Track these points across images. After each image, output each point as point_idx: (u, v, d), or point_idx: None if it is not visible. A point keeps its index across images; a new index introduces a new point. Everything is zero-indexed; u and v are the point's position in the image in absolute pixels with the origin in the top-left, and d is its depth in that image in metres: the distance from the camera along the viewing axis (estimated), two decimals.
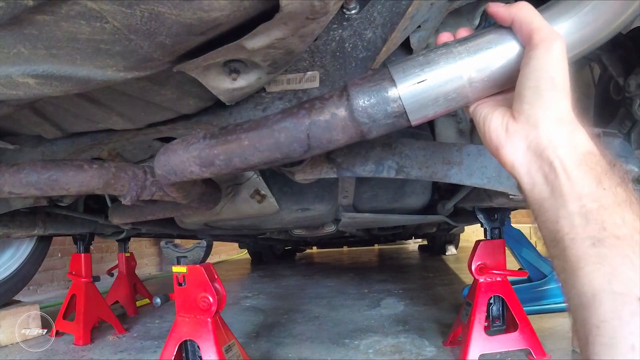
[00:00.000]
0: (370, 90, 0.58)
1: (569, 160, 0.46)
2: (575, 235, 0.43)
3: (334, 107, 0.61)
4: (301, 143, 0.64)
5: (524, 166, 0.50)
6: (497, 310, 1.63)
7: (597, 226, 0.42)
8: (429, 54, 0.57)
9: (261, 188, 1.39)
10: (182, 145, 0.76)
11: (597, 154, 0.47)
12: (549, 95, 0.49)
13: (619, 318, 0.39)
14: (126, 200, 0.99)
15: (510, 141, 0.51)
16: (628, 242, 0.40)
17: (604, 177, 0.45)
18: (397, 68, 0.58)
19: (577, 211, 0.44)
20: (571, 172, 0.46)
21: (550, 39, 0.50)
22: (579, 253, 0.43)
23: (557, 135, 0.48)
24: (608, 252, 0.41)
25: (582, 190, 0.44)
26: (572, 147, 0.47)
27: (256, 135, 0.67)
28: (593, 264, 0.41)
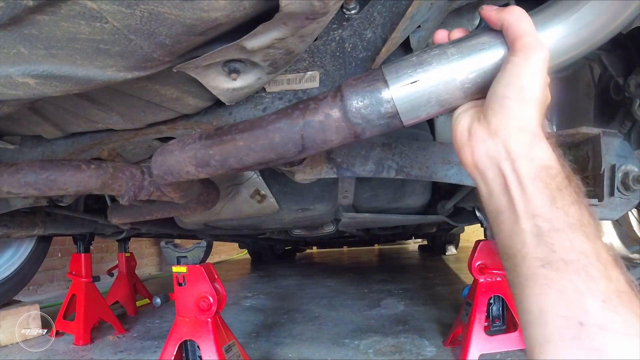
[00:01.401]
0: (363, 91, 0.59)
1: (525, 174, 0.46)
2: (526, 254, 0.45)
3: (327, 107, 0.61)
4: (295, 143, 0.64)
5: (481, 172, 0.51)
6: (497, 310, 1.63)
7: (547, 248, 0.43)
8: (423, 55, 0.57)
9: (261, 188, 1.39)
10: (178, 145, 0.76)
11: (555, 168, 0.47)
12: (513, 104, 0.48)
13: (562, 339, 0.40)
14: (124, 201, 0.99)
15: (471, 144, 0.52)
16: (574, 267, 0.42)
17: (558, 194, 0.45)
18: (390, 69, 0.58)
19: (529, 230, 0.45)
20: (526, 188, 0.46)
21: (531, 48, 0.49)
22: (529, 272, 0.44)
23: (515, 146, 0.48)
24: (555, 276, 0.42)
25: (535, 209, 0.45)
26: (529, 160, 0.47)
27: (251, 136, 0.67)
28: (541, 285, 0.43)
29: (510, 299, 1.57)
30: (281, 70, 0.77)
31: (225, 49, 0.63)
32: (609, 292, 0.40)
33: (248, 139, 0.67)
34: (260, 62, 0.70)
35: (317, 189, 1.47)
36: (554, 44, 0.56)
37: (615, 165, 0.89)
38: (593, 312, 0.40)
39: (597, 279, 0.41)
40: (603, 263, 0.42)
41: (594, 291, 0.40)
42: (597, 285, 0.41)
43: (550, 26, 0.55)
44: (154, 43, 0.58)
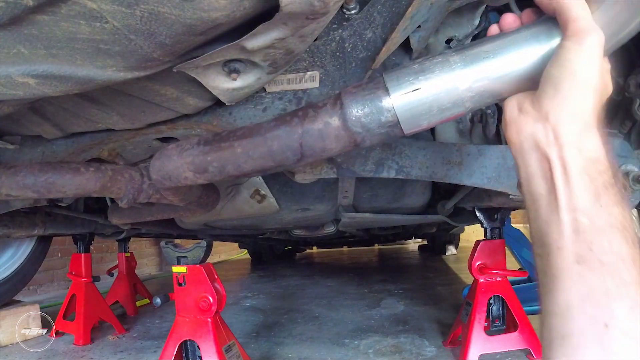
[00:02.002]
0: (363, 99, 0.57)
1: (572, 165, 0.45)
2: (562, 246, 0.44)
3: (327, 115, 0.61)
4: (294, 152, 0.64)
5: (524, 153, 0.49)
6: (497, 310, 1.63)
7: (584, 245, 0.43)
8: (425, 62, 0.56)
9: (261, 188, 1.39)
10: (177, 150, 0.76)
11: (604, 164, 0.45)
12: (568, 88, 0.47)
13: (584, 336, 0.41)
14: (123, 203, 0.99)
15: (519, 123, 0.50)
16: (609, 269, 0.41)
17: (603, 192, 0.44)
18: (392, 76, 0.57)
19: (568, 223, 0.44)
20: (571, 179, 0.45)
21: (584, 33, 0.47)
22: (563, 265, 0.44)
23: (565, 133, 0.46)
24: (589, 274, 0.42)
25: (578, 204, 0.44)
26: (577, 150, 0.45)
27: (249, 143, 0.67)
28: (572, 280, 0.43)
29: (510, 298, 1.57)
30: (281, 70, 0.77)
31: (225, 49, 0.63)
32: (638, 299, 0.40)
33: (246, 146, 0.67)
34: (260, 62, 0.70)
35: (317, 189, 1.47)
36: None
37: None
38: (620, 316, 0.40)
39: (629, 285, 0.41)
40: (637, 269, 0.42)
41: (623, 296, 0.40)
42: (628, 290, 0.41)
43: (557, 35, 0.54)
44: (154, 43, 0.58)
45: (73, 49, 0.58)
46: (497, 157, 0.99)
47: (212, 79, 0.74)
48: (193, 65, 0.67)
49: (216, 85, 0.76)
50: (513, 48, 0.54)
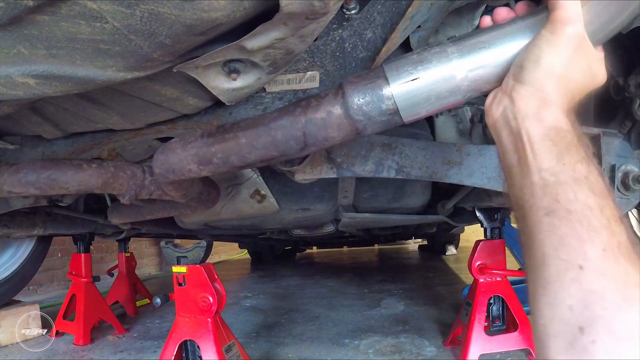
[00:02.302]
0: (365, 88, 0.59)
1: (534, 134, 0.49)
2: (533, 204, 0.48)
3: (329, 105, 0.61)
4: (297, 141, 0.64)
5: (497, 131, 0.54)
6: (497, 310, 1.63)
7: (551, 198, 0.46)
8: (423, 53, 0.58)
9: (261, 188, 1.39)
10: (180, 144, 0.76)
11: (564, 129, 0.49)
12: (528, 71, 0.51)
13: (561, 281, 0.43)
14: (125, 199, 0.99)
15: (491, 106, 0.55)
16: (577, 216, 0.44)
17: (566, 152, 0.48)
18: (391, 66, 0.58)
19: (537, 182, 0.48)
20: (534, 144, 0.49)
21: (562, 23, 0.50)
22: (535, 220, 0.47)
23: (526, 107, 0.50)
24: (558, 223, 0.45)
25: (542, 164, 0.48)
26: (539, 120, 0.49)
27: (253, 134, 0.67)
28: (545, 232, 0.46)
29: (510, 298, 1.57)
30: (281, 70, 0.77)
31: (225, 49, 0.63)
32: (610, 243, 0.42)
33: (250, 136, 0.68)
34: (260, 62, 0.70)
35: (317, 189, 1.47)
36: None
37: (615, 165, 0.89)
38: (593, 258, 0.42)
39: (599, 230, 0.43)
40: (607, 217, 0.44)
41: (594, 240, 0.42)
42: (598, 235, 0.43)
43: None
44: (154, 43, 0.58)
45: (73, 49, 0.58)
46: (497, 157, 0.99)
47: (212, 79, 0.74)
48: (193, 65, 0.67)
49: (216, 85, 0.76)
50: (508, 39, 0.56)
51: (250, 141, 0.68)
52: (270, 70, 0.73)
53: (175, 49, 0.61)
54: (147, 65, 0.64)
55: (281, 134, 0.65)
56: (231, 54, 0.67)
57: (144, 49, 0.58)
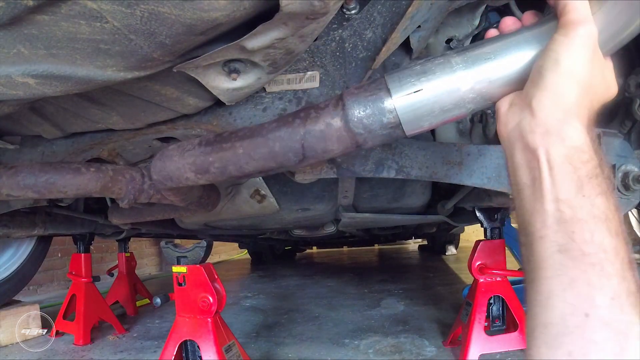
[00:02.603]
0: (365, 100, 0.57)
1: (555, 154, 0.45)
2: (545, 236, 0.44)
3: (329, 116, 0.60)
4: (296, 153, 0.63)
5: (510, 144, 0.50)
6: (497, 310, 1.63)
7: (566, 235, 0.43)
8: (426, 63, 0.56)
9: (261, 188, 1.39)
10: (178, 151, 0.76)
11: (587, 152, 0.45)
12: (550, 76, 0.47)
13: (565, 325, 0.41)
14: (124, 204, 0.99)
15: (507, 115, 0.51)
16: (590, 260, 0.42)
17: (586, 182, 0.44)
18: (393, 77, 0.57)
19: (552, 213, 0.44)
20: (554, 169, 0.45)
21: (574, 24, 0.47)
22: (545, 254, 0.44)
23: (547, 121, 0.46)
24: (570, 264, 0.42)
25: (560, 194, 0.44)
26: (560, 138, 0.45)
27: (251, 144, 0.66)
28: (554, 269, 0.43)
29: (510, 298, 1.57)
30: (281, 70, 0.77)
31: (225, 49, 0.63)
32: (620, 291, 0.41)
33: (248, 147, 0.67)
34: (260, 62, 0.70)
35: (317, 189, 1.47)
36: None
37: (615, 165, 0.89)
38: (600, 306, 0.40)
39: (611, 276, 0.41)
40: (620, 261, 0.42)
41: (605, 287, 0.41)
42: (609, 281, 0.41)
43: None
44: (154, 43, 0.58)
45: (73, 49, 0.58)
46: (497, 157, 0.99)
47: (212, 79, 0.74)
48: (193, 65, 0.67)
49: (216, 85, 0.76)
50: (515, 49, 0.54)
51: (248, 152, 0.67)
52: (271, 70, 0.73)
53: (175, 48, 0.61)
54: (147, 65, 0.64)
55: (279, 146, 0.64)
56: (231, 54, 0.67)
57: (144, 48, 0.58)
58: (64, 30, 0.54)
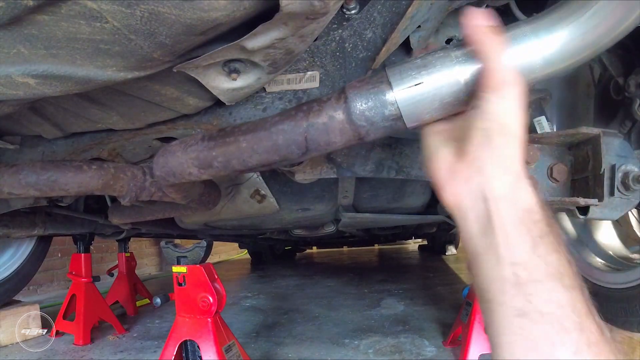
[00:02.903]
0: (367, 93, 0.58)
1: (508, 218, 0.46)
2: (503, 302, 0.45)
3: (331, 109, 0.61)
4: (299, 145, 0.64)
5: (465, 211, 0.49)
6: None
7: (524, 298, 0.43)
8: (427, 57, 0.56)
9: (261, 188, 1.39)
10: (181, 147, 0.76)
11: (538, 212, 0.46)
12: (497, 140, 0.47)
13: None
14: (125, 201, 0.99)
15: (454, 181, 0.50)
16: (549, 318, 0.42)
17: (540, 241, 0.45)
18: (394, 71, 0.57)
19: (508, 278, 0.45)
20: (509, 232, 0.45)
21: (504, 85, 0.48)
22: (505, 321, 0.44)
23: (500, 185, 0.47)
24: (529, 326, 0.43)
25: (515, 257, 0.45)
26: (512, 203, 0.46)
27: (254, 138, 0.67)
28: (515, 334, 0.43)
29: None
30: (281, 70, 0.77)
31: (225, 49, 0.63)
32: (580, 344, 0.41)
33: (251, 140, 0.67)
34: (260, 62, 0.70)
35: (317, 189, 1.47)
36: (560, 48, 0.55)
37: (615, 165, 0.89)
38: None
39: (570, 331, 0.42)
40: (577, 314, 0.43)
41: (566, 343, 0.41)
42: (569, 337, 0.42)
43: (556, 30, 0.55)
44: (154, 43, 0.58)
45: (73, 49, 0.58)
46: None
47: (212, 79, 0.74)
48: (193, 65, 0.67)
49: (216, 85, 0.76)
50: (514, 43, 0.54)
51: (251, 145, 0.67)
52: (271, 70, 0.73)
53: (175, 48, 0.61)
54: (147, 65, 0.64)
55: (282, 139, 0.65)
56: (231, 54, 0.67)
57: (144, 48, 0.58)
58: (64, 30, 0.54)
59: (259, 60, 0.69)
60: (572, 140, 0.94)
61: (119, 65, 0.63)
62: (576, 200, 0.90)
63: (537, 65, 0.55)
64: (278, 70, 0.75)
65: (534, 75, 0.55)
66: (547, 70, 0.55)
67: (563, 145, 0.96)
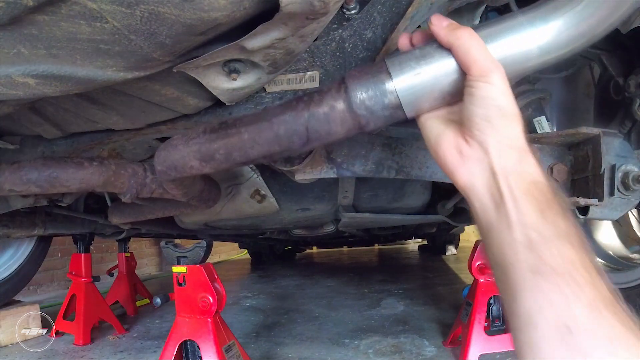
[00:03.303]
0: (367, 83, 0.59)
1: (517, 189, 0.49)
2: (516, 261, 0.47)
3: (332, 99, 0.61)
4: (300, 136, 0.64)
5: (476, 189, 0.53)
6: (497, 310, 1.63)
7: (536, 256, 0.46)
8: (425, 48, 0.58)
9: (261, 188, 1.39)
10: (182, 140, 0.76)
11: (543, 183, 0.50)
12: (498, 122, 0.51)
13: (550, 343, 0.43)
14: (126, 198, 0.99)
15: (465, 164, 0.54)
16: (562, 274, 0.44)
17: (546, 207, 0.48)
18: (394, 61, 0.58)
19: (520, 240, 0.47)
20: (518, 201, 0.49)
21: (489, 71, 0.51)
22: (520, 279, 0.47)
23: (507, 162, 0.51)
24: (544, 282, 0.45)
25: (527, 220, 0.48)
26: (520, 175, 0.50)
27: (256, 129, 0.67)
28: (529, 291, 0.45)
29: None
30: (281, 70, 0.77)
31: (225, 49, 0.63)
32: (595, 298, 0.43)
33: (253, 131, 0.67)
34: (260, 62, 0.70)
35: (317, 189, 1.47)
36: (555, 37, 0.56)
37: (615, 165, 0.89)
38: (580, 316, 0.42)
39: (583, 286, 0.43)
40: (588, 271, 0.44)
41: (580, 297, 0.43)
42: (583, 291, 0.43)
43: (551, 19, 0.56)
44: (154, 43, 0.58)
45: (73, 49, 0.58)
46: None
47: (212, 79, 0.74)
48: (193, 65, 0.67)
49: (216, 85, 0.76)
50: (510, 32, 0.56)
51: (252, 136, 0.67)
52: (271, 70, 0.73)
53: (175, 49, 0.61)
54: (147, 65, 0.64)
55: (284, 129, 0.65)
56: (231, 54, 0.67)
57: (144, 49, 0.59)
58: (64, 31, 0.54)
59: (259, 60, 0.69)
60: (572, 140, 0.94)
61: (119, 65, 0.63)
62: (576, 200, 0.90)
63: (533, 54, 0.56)
64: (278, 70, 0.75)
65: (530, 63, 0.57)
66: (543, 58, 0.57)
67: (563, 145, 0.96)
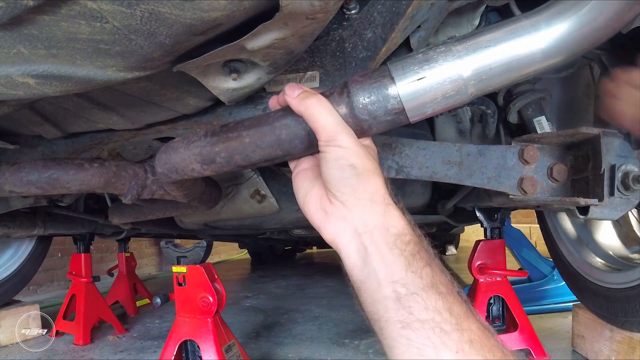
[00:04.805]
0: (370, 87, 0.59)
1: (383, 244, 0.51)
2: (389, 318, 0.50)
3: (334, 104, 0.61)
4: (302, 140, 0.64)
5: (344, 246, 0.55)
6: (497, 310, 1.63)
7: (405, 311, 0.48)
8: (429, 52, 0.58)
9: (261, 188, 1.39)
10: (183, 143, 0.76)
11: (408, 234, 0.52)
12: (354, 180, 0.53)
13: None
14: (127, 199, 0.99)
15: (330, 223, 0.56)
16: (429, 325, 0.47)
17: (412, 259, 0.50)
18: (397, 65, 0.58)
19: (390, 296, 0.49)
20: (385, 256, 0.51)
21: (336, 134, 0.54)
22: (393, 334, 0.49)
23: (370, 218, 0.52)
24: (413, 335, 0.47)
25: (394, 277, 0.50)
26: (385, 230, 0.52)
27: (257, 133, 0.67)
28: (403, 345, 0.48)
29: (510, 298, 1.57)
30: (281, 70, 0.77)
31: (225, 48, 0.63)
32: (462, 343, 0.45)
33: (254, 135, 0.67)
34: (260, 62, 0.70)
35: None
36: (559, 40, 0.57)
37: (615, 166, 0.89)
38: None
39: (450, 333, 0.46)
40: (455, 316, 0.47)
41: (448, 344, 0.46)
42: (449, 338, 0.46)
43: (555, 23, 0.56)
44: (154, 43, 0.58)
45: (73, 49, 0.58)
46: (497, 157, 1.00)
47: (212, 79, 0.74)
48: (193, 65, 0.67)
49: (216, 85, 0.76)
50: (513, 36, 0.56)
51: (254, 140, 0.67)
52: (271, 70, 0.73)
53: (175, 49, 0.61)
54: (147, 65, 0.64)
55: (285, 133, 0.65)
56: (231, 54, 0.67)
57: (144, 48, 0.59)
58: (64, 30, 0.54)
59: (259, 60, 0.69)
60: (572, 140, 0.94)
61: (119, 65, 0.63)
62: (576, 200, 0.90)
63: (537, 58, 0.56)
64: (278, 70, 0.75)
65: (533, 67, 0.57)
66: (547, 62, 0.57)
67: (563, 145, 0.96)
